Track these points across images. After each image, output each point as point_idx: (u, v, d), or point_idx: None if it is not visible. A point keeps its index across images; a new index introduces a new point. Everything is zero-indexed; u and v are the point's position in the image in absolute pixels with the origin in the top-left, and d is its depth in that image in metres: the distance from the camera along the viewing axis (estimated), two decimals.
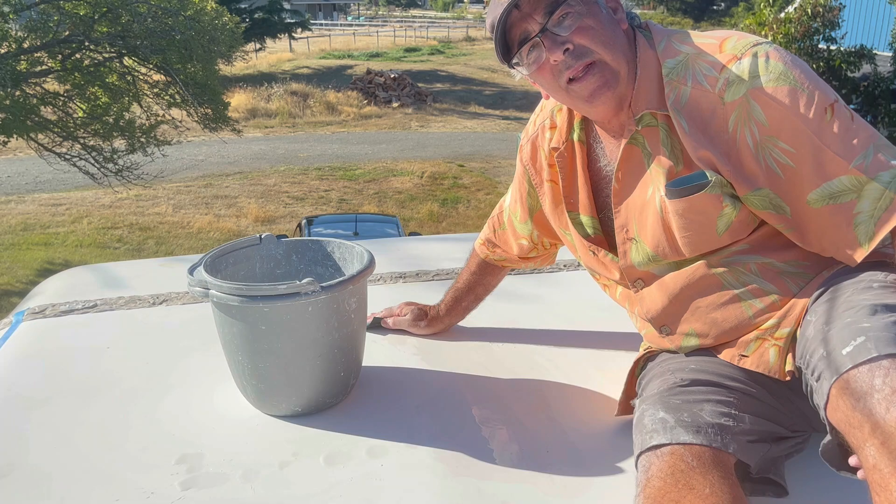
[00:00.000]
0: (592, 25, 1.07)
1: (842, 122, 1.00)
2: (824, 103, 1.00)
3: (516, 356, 1.45)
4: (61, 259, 10.85)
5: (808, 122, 0.99)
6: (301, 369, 1.19)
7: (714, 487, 0.88)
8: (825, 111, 0.99)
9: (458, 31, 44.01)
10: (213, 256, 1.26)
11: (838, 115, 1.00)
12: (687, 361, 1.14)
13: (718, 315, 1.11)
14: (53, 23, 10.25)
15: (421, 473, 1.07)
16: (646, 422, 1.00)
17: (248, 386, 1.22)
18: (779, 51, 1.04)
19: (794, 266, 1.08)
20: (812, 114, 0.99)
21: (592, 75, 1.07)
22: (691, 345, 1.15)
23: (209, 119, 12.57)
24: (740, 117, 1.02)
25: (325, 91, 23.72)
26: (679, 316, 1.15)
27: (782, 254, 1.08)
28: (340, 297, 1.18)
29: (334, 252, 1.38)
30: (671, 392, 1.04)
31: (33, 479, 1.06)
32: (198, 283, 1.17)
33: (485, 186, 14.88)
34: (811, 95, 1.00)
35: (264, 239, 1.37)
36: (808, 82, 1.01)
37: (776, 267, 1.08)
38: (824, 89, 1.02)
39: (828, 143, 0.99)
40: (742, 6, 35.87)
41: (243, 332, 1.16)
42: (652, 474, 0.93)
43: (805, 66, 1.05)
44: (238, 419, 1.22)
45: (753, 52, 1.03)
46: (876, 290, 0.93)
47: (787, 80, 1.00)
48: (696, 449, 0.93)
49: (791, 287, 1.08)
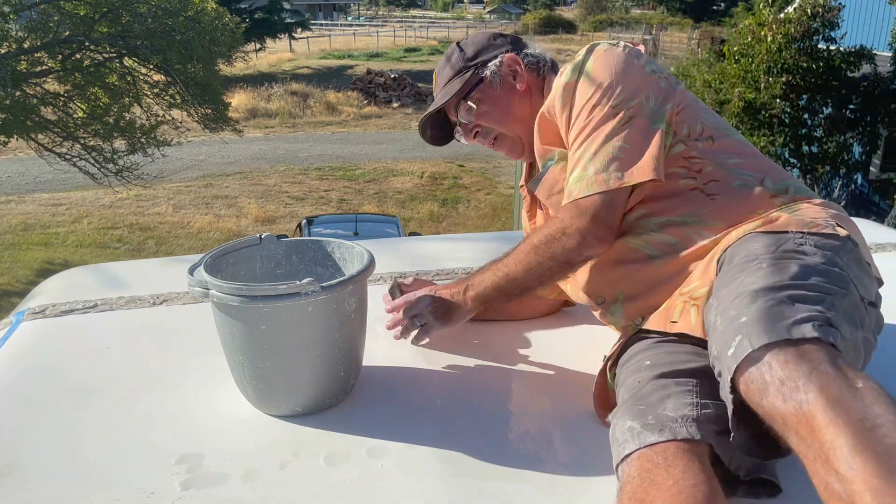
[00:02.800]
0: (487, 110, 1.43)
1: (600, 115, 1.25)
2: (605, 102, 1.25)
3: (517, 356, 1.45)
4: (61, 259, 10.85)
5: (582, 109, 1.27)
6: (301, 369, 1.19)
7: (676, 478, 0.89)
8: (594, 106, 1.25)
9: (458, 31, 44.01)
10: (214, 257, 1.26)
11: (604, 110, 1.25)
12: (642, 357, 1.16)
13: (637, 275, 1.26)
14: (54, 23, 10.25)
15: (421, 473, 1.07)
16: (617, 434, 1.02)
17: (248, 386, 1.22)
18: (598, 55, 1.30)
19: (690, 217, 1.22)
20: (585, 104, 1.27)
21: (500, 146, 1.49)
22: (621, 310, 1.29)
23: (209, 119, 12.57)
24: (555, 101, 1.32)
25: (325, 91, 23.74)
26: (607, 284, 1.31)
27: (677, 210, 1.23)
28: (341, 297, 1.18)
29: (334, 252, 1.38)
30: (635, 399, 1.06)
31: (33, 479, 1.06)
32: (198, 284, 1.17)
33: (485, 186, 14.87)
34: (597, 92, 1.26)
35: (264, 239, 1.37)
36: (602, 81, 1.26)
37: (674, 221, 1.23)
38: (612, 91, 1.25)
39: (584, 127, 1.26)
40: (742, 6, 35.86)
41: (243, 332, 1.16)
42: (624, 482, 0.94)
43: (608, 68, 1.28)
44: (238, 419, 1.22)
45: (576, 59, 1.32)
46: (764, 269, 0.99)
47: (581, 75, 1.29)
48: (660, 447, 0.94)
49: (693, 237, 1.20)
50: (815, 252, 1.04)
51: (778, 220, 1.13)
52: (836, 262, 1.04)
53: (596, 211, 1.22)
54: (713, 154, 1.27)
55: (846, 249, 1.09)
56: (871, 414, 0.76)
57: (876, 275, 1.18)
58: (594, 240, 1.23)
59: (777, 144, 10.72)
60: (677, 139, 1.27)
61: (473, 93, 1.43)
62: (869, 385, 0.80)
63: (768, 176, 1.25)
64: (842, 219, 1.18)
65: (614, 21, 46.52)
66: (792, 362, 0.83)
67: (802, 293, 0.94)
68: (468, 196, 14.65)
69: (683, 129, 1.28)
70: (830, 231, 1.10)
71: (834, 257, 1.05)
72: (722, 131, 1.31)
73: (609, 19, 47.78)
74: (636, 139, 1.23)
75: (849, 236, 1.12)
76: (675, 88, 1.30)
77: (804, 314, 0.88)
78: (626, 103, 1.24)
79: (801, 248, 1.05)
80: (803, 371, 0.82)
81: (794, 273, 0.98)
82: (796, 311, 0.89)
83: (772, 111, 10.62)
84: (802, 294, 0.93)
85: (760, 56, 10.69)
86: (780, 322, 0.87)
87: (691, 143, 1.27)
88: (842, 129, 11.05)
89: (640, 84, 1.27)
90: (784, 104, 10.73)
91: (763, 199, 1.21)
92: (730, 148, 1.28)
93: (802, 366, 0.82)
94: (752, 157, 1.29)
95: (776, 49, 10.59)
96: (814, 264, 1.01)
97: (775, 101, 10.63)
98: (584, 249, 1.24)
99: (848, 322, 0.96)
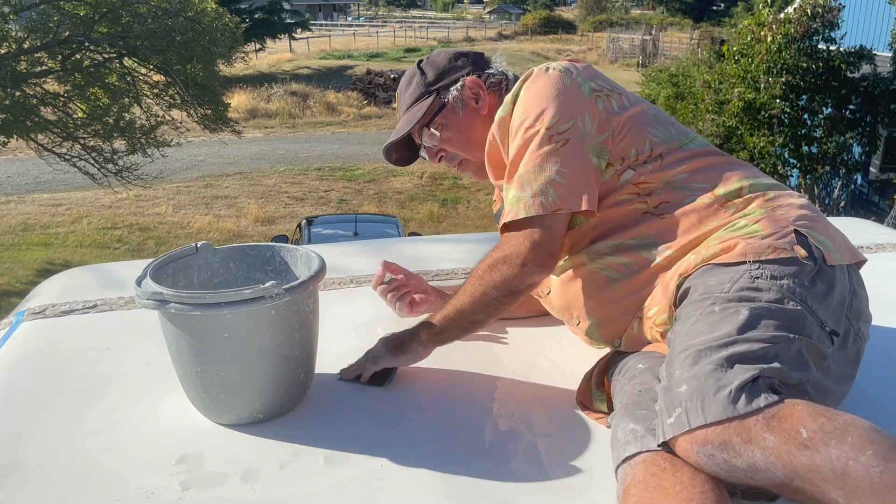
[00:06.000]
0: (451, 136, 1.43)
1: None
2: (535, 127, 1.24)
3: (517, 355, 1.45)
4: (61, 259, 10.85)
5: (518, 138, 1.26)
6: (265, 374, 1.17)
7: (684, 484, 0.89)
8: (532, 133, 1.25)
9: (458, 31, 44.01)
10: (155, 268, 1.21)
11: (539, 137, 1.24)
12: (635, 361, 1.18)
13: (597, 294, 1.27)
14: (53, 23, 10.24)
15: (421, 473, 1.07)
16: (619, 436, 1.02)
17: (205, 398, 1.18)
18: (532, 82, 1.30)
19: (642, 240, 1.22)
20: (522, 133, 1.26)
21: (465, 169, 1.49)
22: (597, 332, 1.30)
23: (209, 120, 12.57)
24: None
25: (325, 91, 23.73)
26: (575, 305, 1.32)
27: (627, 232, 1.24)
28: (301, 298, 1.16)
29: (274, 257, 1.36)
30: (636, 403, 1.06)
31: (33, 479, 1.06)
32: (150, 296, 1.11)
33: (484, 187, 14.86)
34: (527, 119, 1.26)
35: (201, 248, 1.33)
36: (532, 109, 1.26)
37: (626, 244, 1.23)
38: (545, 116, 1.24)
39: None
40: (742, 6, 35.88)
41: (203, 341, 1.13)
42: (628, 484, 0.94)
43: (541, 94, 1.27)
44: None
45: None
46: (715, 315, 1.02)
47: (518, 104, 1.29)
48: (666, 452, 0.95)
49: (647, 257, 1.21)
50: (770, 287, 1.04)
51: (735, 249, 1.10)
52: (794, 293, 1.03)
53: (535, 238, 1.21)
54: (661, 173, 1.24)
55: (805, 272, 1.07)
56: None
57: (858, 258, 1.17)
58: (535, 266, 1.21)
59: (777, 145, 10.72)
60: (625, 165, 1.25)
61: (437, 118, 1.42)
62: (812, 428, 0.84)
63: (720, 183, 1.22)
64: (807, 219, 1.15)
65: (614, 21, 46.50)
66: (726, 441, 0.88)
67: (744, 349, 0.95)
68: (468, 196, 14.66)
69: (631, 154, 1.26)
70: (788, 255, 1.08)
71: (790, 287, 1.04)
72: (672, 144, 1.27)
73: (609, 19, 47.77)
74: (573, 164, 1.21)
75: (810, 253, 1.09)
76: (615, 111, 1.27)
77: (741, 379, 0.91)
78: (559, 127, 1.23)
79: (755, 282, 1.05)
80: (736, 449, 0.88)
81: (741, 322, 0.99)
82: (733, 377, 0.91)
83: (771, 111, 10.62)
84: (744, 351, 0.95)
85: (760, 56, 10.68)
86: (717, 395, 0.90)
87: (639, 167, 1.25)
88: (841, 129, 11.05)
89: (573, 107, 1.25)
90: (784, 104, 10.73)
91: (714, 211, 1.19)
92: (678, 163, 1.25)
93: (737, 445, 0.87)
94: (703, 167, 1.25)
95: (776, 49, 10.59)
96: (766, 306, 1.01)
97: (775, 102, 10.63)
98: (526, 277, 1.22)
99: (796, 367, 0.97)
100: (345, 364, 1.35)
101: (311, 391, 1.28)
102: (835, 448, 0.81)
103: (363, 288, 1.77)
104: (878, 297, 1.23)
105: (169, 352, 1.20)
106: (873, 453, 0.80)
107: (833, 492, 0.81)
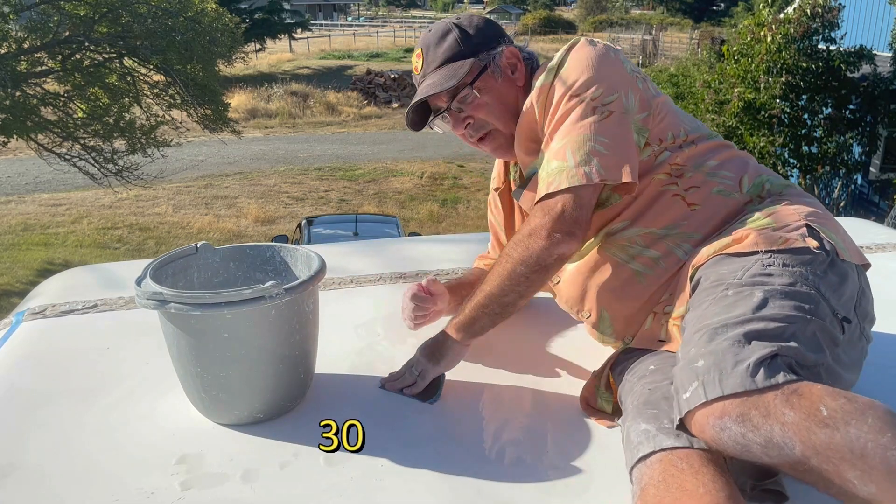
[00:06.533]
0: (488, 102, 1.34)
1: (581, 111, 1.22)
2: (582, 97, 1.22)
3: (517, 355, 1.45)
4: (61, 259, 10.84)
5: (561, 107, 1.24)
6: (266, 374, 1.17)
7: (707, 486, 0.89)
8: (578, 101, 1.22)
9: None
10: (155, 268, 1.21)
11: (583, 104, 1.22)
12: (647, 363, 1.17)
13: (620, 288, 1.24)
14: (53, 23, 10.24)
15: (421, 473, 1.07)
16: (632, 437, 1.02)
17: (205, 398, 1.19)
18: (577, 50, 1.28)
19: (672, 229, 1.21)
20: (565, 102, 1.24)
21: (488, 143, 1.38)
22: (610, 328, 1.28)
23: (209, 120, 12.55)
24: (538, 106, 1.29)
25: (325, 91, 23.72)
26: (590, 297, 1.29)
27: (657, 220, 1.22)
28: (301, 298, 1.17)
29: (274, 257, 1.36)
30: (646, 403, 1.06)
31: (33, 479, 1.06)
32: (150, 296, 1.12)
33: (485, 187, 14.83)
34: (572, 88, 1.23)
35: (201, 248, 1.33)
36: (578, 79, 1.24)
37: (656, 234, 1.22)
38: (590, 86, 1.22)
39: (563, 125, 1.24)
40: (742, 6, 35.87)
41: (204, 341, 1.13)
42: (645, 483, 0.94)
43: (586, 64, 1.25)
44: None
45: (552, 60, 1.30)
46: (729, 298, 1.02)
47: (559, 75, 1.26)
48: (682, 452, 0.94)
49: (675, 250, 1.20)
50: (782, 273, 1.04)
51: (746, 239, 1.11)
52: (806, 279, 1.03)
53: (562, 208, 1.18)
54: (694, 158, 1.26)
55: (817, 261, 1.07)
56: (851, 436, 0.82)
57: (865, 262, 1.18)
58: (563, 235, 1.18)
59: (777, 145, 10.71)
60: (662, 147, 1.26)
61: (477, 81, 1.33)
62: (834, 406, 0.84)
63: (745, 174, 1.25)
64: (818, 217, 1.17)
65: (614, 21, 46.49)
66: (744, 414, 0.87)
67: (761, 327, 0.94)
68: (468, 196, 14.65)
69: (668, 136, 1.27)
70: (800, 245, 1.08)
71: (803, 274, 1.04)
72: (703, 133, 1.30)
73: (609, 19, 47.75)
74: (617, 137, 1.20)
75: (821, 245, 1.09)
76: (653, 94, 1.29)
77: (759, 354, 0.90)
78: (604, 98, 1.22)
79: (768, 269, 1.04)
80: (754, 423, 0.86)
81: (756, 303, 0.98)
82: (751, 353, 0.90)
83: (771, 111, 10.61)
84: (761, 328, 0.94)
85: (760, 56, 10.68)
86: (735, 368, 0.89)
87: (676, 150, 1.26)
88: (841, 129, 11.04)
89: (618, 81, 1.24)
90: (784, 104, 10.72)
91: (738, 206, 1.22)
92: (710, 151, 1.28)
93: (755, 418, 0.86)
94: (729, 158, 1.28)
95: (776, 49, 10.59)
96: (780, 288, 1.01)
97: (775, 102, 10.62)
98: (553, 248, 1.18)
99: (812, 349, 0.96)
100: (345, 364, 1.36)
101: (311, 391, 1.28)
102: (854, 428, 0.81)
103: (363, 288, 1.78)
104: (879, 297, 1.23)
105: (169, 352, 1.19)
106: (893, 436, 0.80)
107: (849, 472, 0.80)
